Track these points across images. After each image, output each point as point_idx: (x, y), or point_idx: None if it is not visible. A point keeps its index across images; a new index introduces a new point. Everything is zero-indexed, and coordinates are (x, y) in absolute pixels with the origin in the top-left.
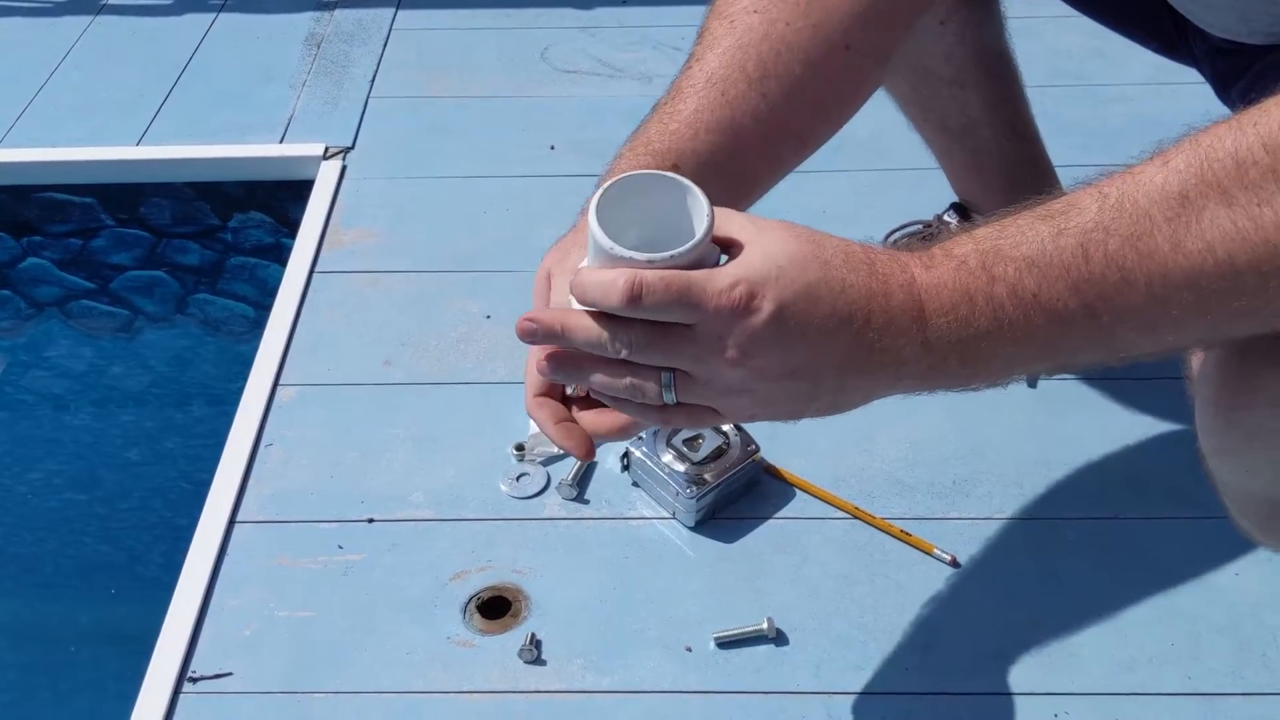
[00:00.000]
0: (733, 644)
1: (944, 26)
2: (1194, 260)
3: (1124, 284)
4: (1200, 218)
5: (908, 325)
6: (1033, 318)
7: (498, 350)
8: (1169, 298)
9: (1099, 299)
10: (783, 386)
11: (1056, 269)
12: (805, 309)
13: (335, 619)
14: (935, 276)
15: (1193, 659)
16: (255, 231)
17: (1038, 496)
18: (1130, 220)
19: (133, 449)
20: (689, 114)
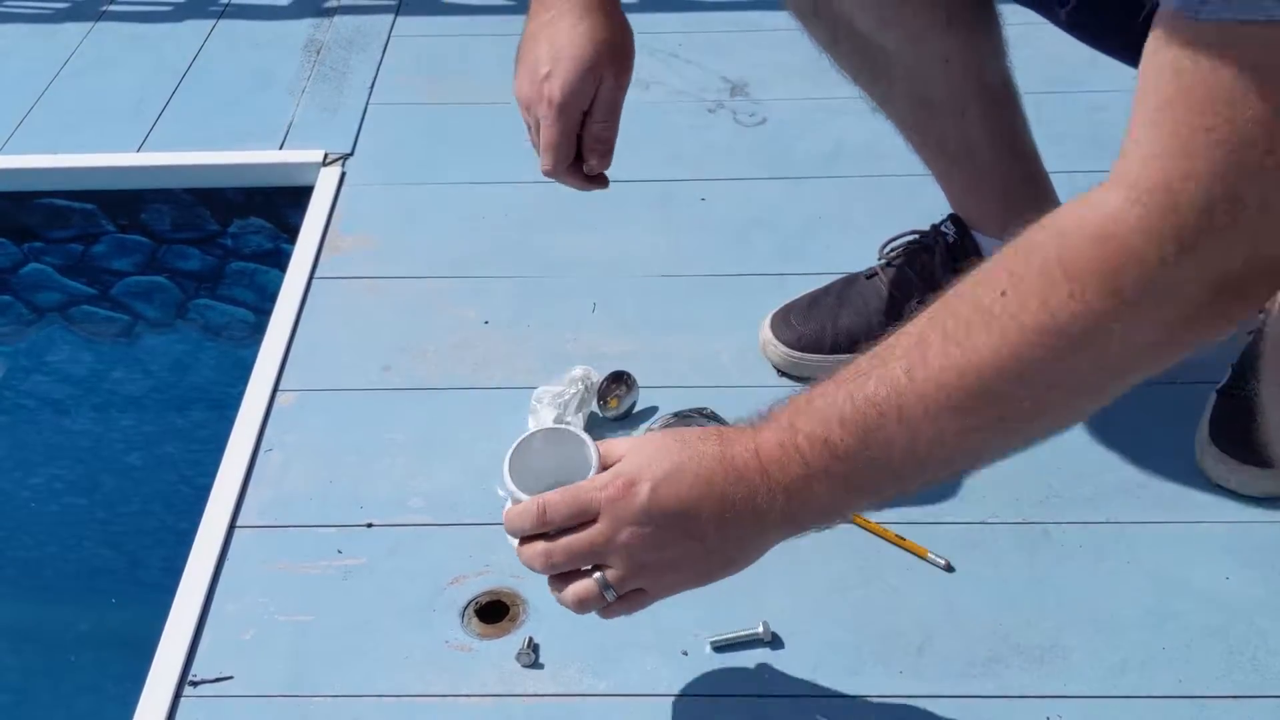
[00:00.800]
0: (728, 648)
1: (948, 64)
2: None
3: (881, 420)
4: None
5: (754, 478)
6: (830, 462)
7: (496, 356)
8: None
9: (868, 434)
10: (680, 548)
11: (835, 416)
12: (674, 481)
13: (335, 623)
14: (765, 436)
15: (1184, 662)
16: (255, 237)
17: (1031, 501)
18: (884, 362)
19: (133, 454)
20: None
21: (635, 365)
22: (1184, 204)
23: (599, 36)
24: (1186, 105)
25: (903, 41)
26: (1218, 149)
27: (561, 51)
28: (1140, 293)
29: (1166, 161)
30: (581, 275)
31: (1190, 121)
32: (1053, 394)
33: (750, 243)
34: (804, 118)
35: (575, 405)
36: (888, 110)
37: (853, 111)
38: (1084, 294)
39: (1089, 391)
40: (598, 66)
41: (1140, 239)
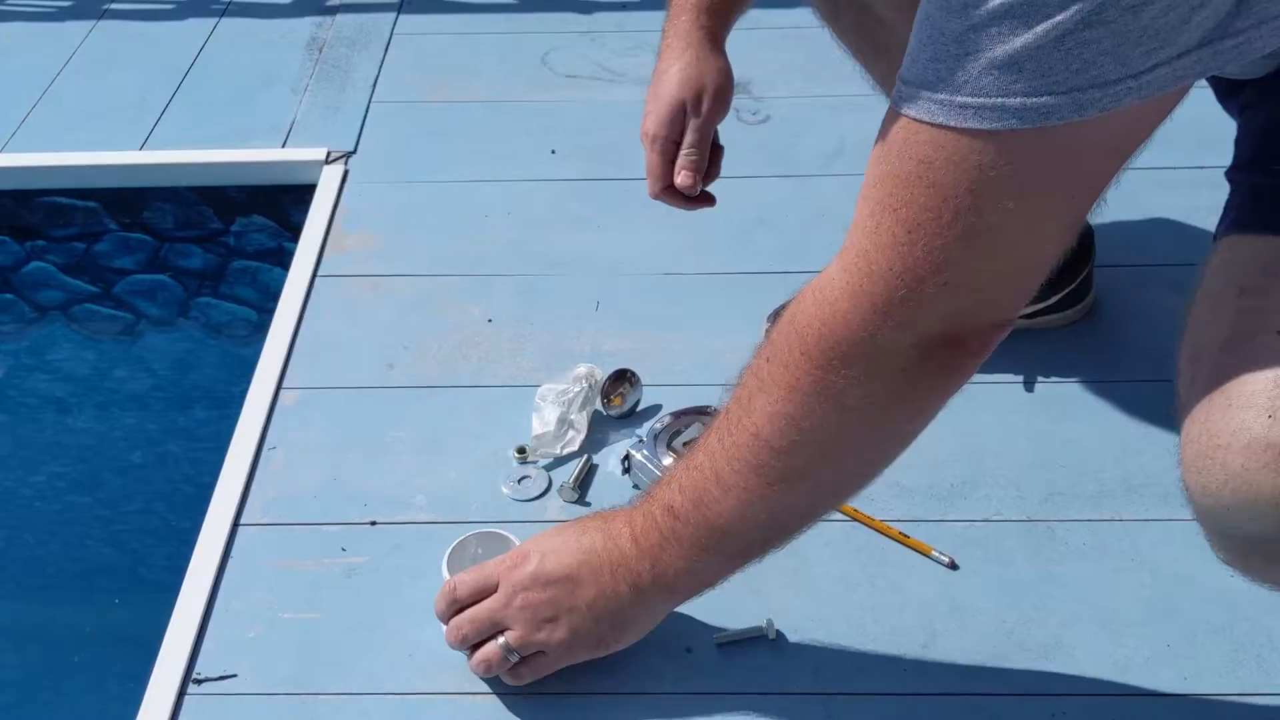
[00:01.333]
0: (733, 645)
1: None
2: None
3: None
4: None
5: (626, 547)
6: (679, 531)
7: (499, 354)
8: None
9: (699, 493)
10: (568, 615)
11: (677, 481)
12: (560, 551)
13: (339, 621)
14: (636, 509)
15: (1189, 659)
16: (258, 235)
17: (1035, 499)
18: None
19: (135, 452)
20: None
21: (638, 363)
22: (878, 274)
23: (687, 76)
24: (881, 186)
25: (900, 10)
26: (900, 227)
27: (659, 91)
28: (855, 351)
29: (866, 236)
30: (585, 273)
31: (883, 201)
32: (828, 452)
33: (753, 241)
34: (807, 115)
35: (579, 404)
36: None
37: (855, 108)
38: (810, 352)
39: (860, 449)
40: (683, 103)
41: (847, 304)
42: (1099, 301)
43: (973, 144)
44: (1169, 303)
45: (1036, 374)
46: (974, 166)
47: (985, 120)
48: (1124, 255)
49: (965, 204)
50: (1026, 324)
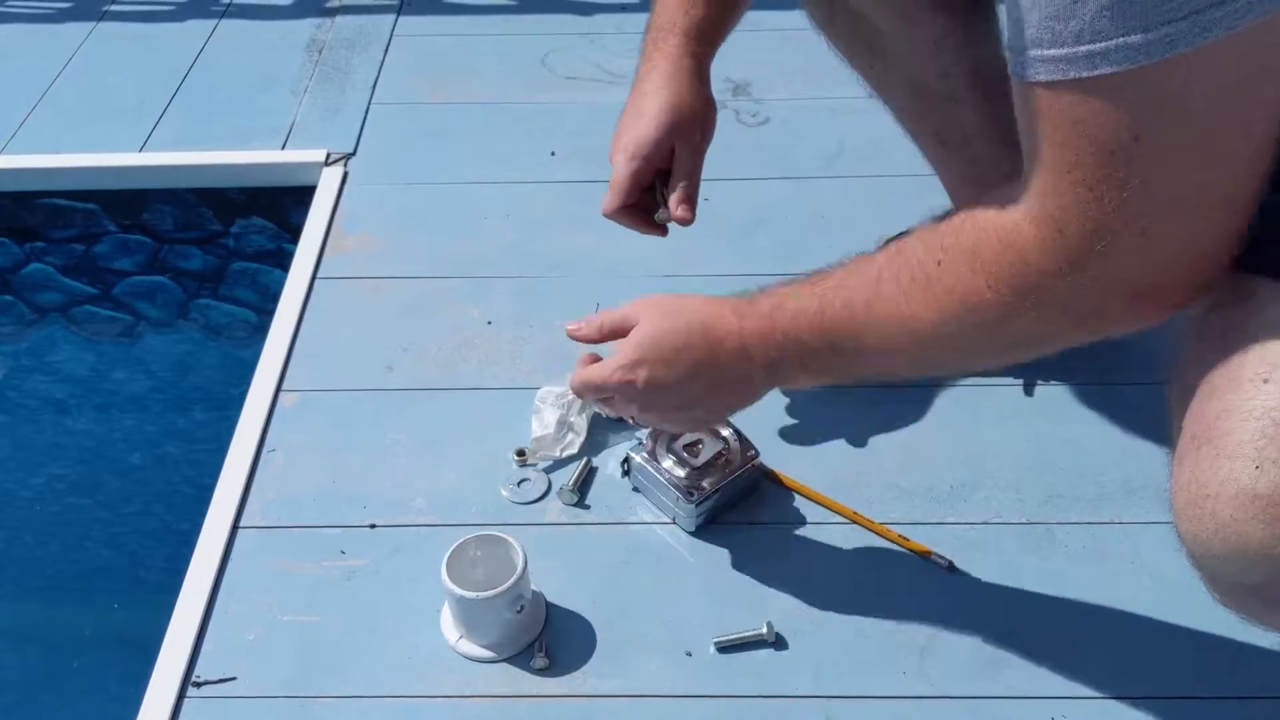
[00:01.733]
0: (733, 648)
1: (939, 46)
2: (877, 322)
3: (841, 333)
4: (881, 293)
5: (740, 359)
6: (803, 351)
7: (499, 356)
8: (871, 344)
9: (834, 340)
10: (679, 413)
11: (809, 319)
12: (665, 370)
13: (338, 624)
14: (750, 325)
15: (1190, 662)
16: (257, 237)
17: (1035, 501)
18: (849, 288)
19: (135, 454)
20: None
21: None
22: (1071, 234)
23: (680, 102)
24: (1050, 153)
25: (895, 20)
26: (1080, 187)
27: (643, 109)
28: (1044, 297)
29: (1049, 199)
30: (584, 275)
31: (1055, 167)
32: (981, 350)
33: (753, 242)
34: (806, 117)
35: (579, 406)
36: (885, 95)
37: (855, 111)
38: (998, 290)
39: (1017, 351)
40: (673, 129)
41: (1037, 255)
42: None
43: (1112, 89)
44: None
45: (1036, 377)
46: (1124, 111)
47: (1113, 63)
48: None
49: (1134, 151)
50: None
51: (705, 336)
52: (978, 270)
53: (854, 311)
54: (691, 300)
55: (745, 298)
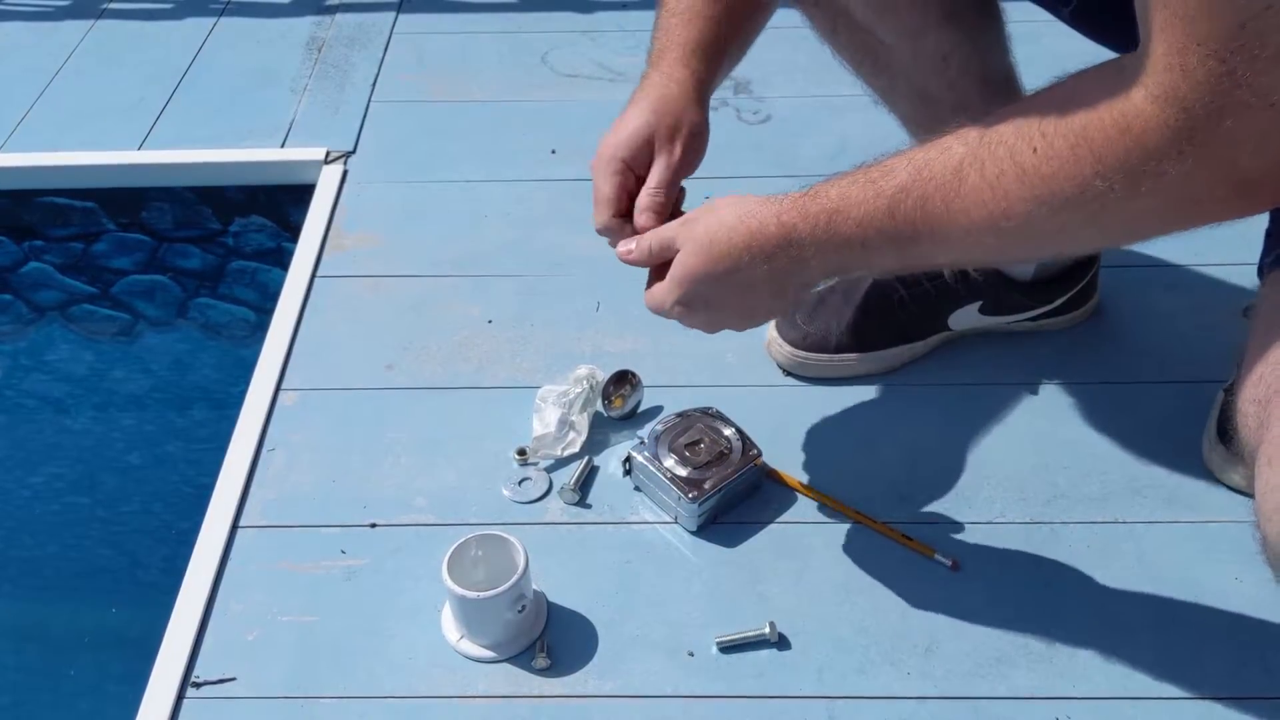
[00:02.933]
0: (735, 648)
1: (946, 60)
2: (959, 216)
3: (915, 235)
4: (965, 183)
5: (792, 267)
6: (870, 258)
7: (500, 354)
8: (948, 243)
9: (904, 244)
10: (753, 319)
11: (874, 228)
12: (718, 297)
13: (338, 623)
14: (799, 235)
15: (1193, 663)
16: (256, 236)
17: (1038, 501)
18: (923, 182)
19: (134, 453)
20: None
21: (639, 364)
22: (1195, 112)
23: (666, 109)
24: (1181, 21)
25: (900, 36)
26: (1211, 59)
27: (624, 117)
28: (1158, 184)
29: (1175, 75)
30: (585, 273)
31: (1185, 36)
32: (1069, 241)
33: None
34: (808, 115)
35: (580, 405)
36: (890, 104)
37: (857, 109)
38: (1107, 176)
39: (1110, 239)
40: (652, 134)
41: (1156, 137)
42: (1103, 303)
43: None
44: (1173, 304)
45: (1040, 376)
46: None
47: None
48: (1128, 257)
49: (1266, 21)
50: (1031, 326)
51: (750, 250)
52: (1084, 157)
53: (930, 212)
54: (730, 215)
55: (794, 201)
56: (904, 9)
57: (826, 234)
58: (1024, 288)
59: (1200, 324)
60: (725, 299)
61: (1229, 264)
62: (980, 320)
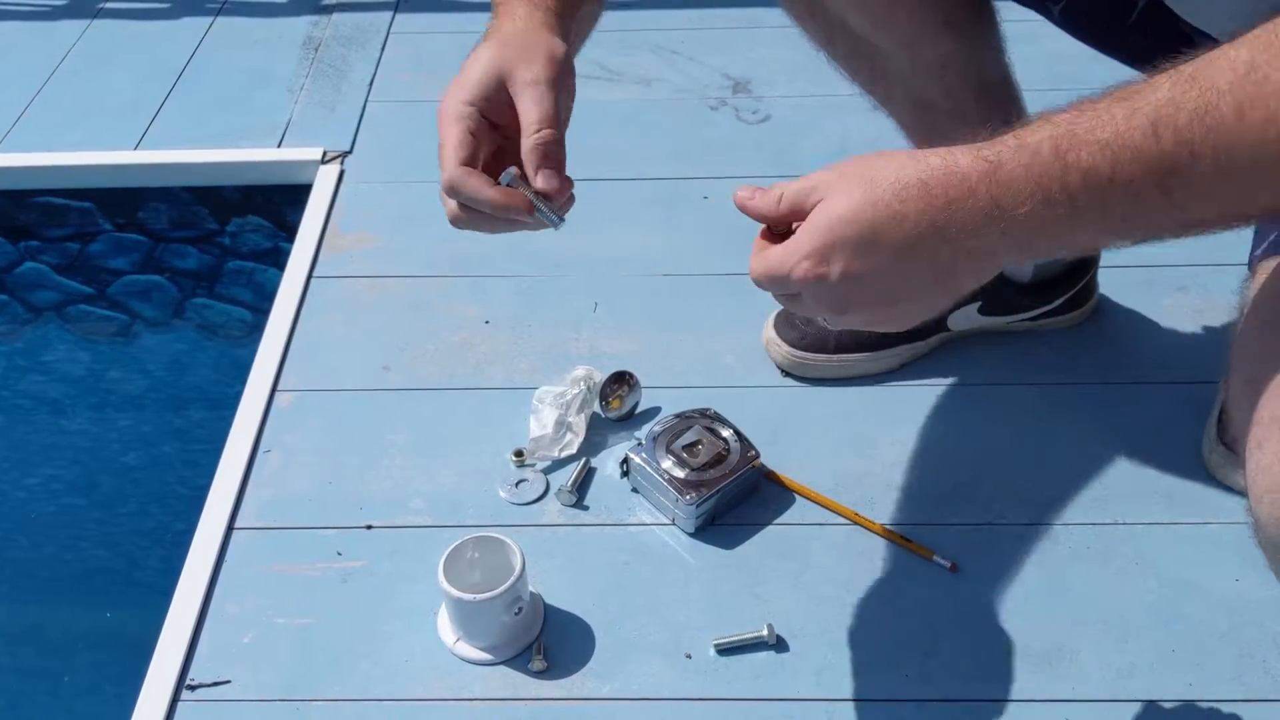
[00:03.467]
0: (733, 650)
1: (945, 68)
2: (1255, 129)
3: (1191, 159)
4: (1264, 85)
5: (983, 223)
6: (1109, 201)
7: (497, 355)
8: (1234, 170)
9: (1170, 175)
10: (894, 308)
11: (1129, 150)
12: (868, 256)
13: (334, 626)
14: (1006, 173)
15: (1194, 665)
16: (253, 236)
17: (1037, 502)
18: (1199, 93)
19: (130, 453)
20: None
21: (637, 365)
22: None
23: (509, 43)
24: None
25: (897, 44)
26: None
27: (465, 67)
28: None
29: None
30: (583, 274)
31: None
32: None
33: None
34: (807, 115)
35: (577, 406)
36: (889, 110)
37: (856, 109)
38: None
39: None
40: (502, 75)
41: None
42: (1103, 303)
43: None
44: (1172, 304)
45: (1040, 376)
46: None
47: None
48: (1127, 257)
49: None
50: (1030, 326)
51: (927, 195)
52: None
53: (1214, 124)
54: (899, 154)
55: (996, 137)
56: (902, 18)
57: (1050, 168)
58: (1023, 288)
59: (1200, 324)
60: (875, 264)
61: (1229, 264)
62: (979, 320)
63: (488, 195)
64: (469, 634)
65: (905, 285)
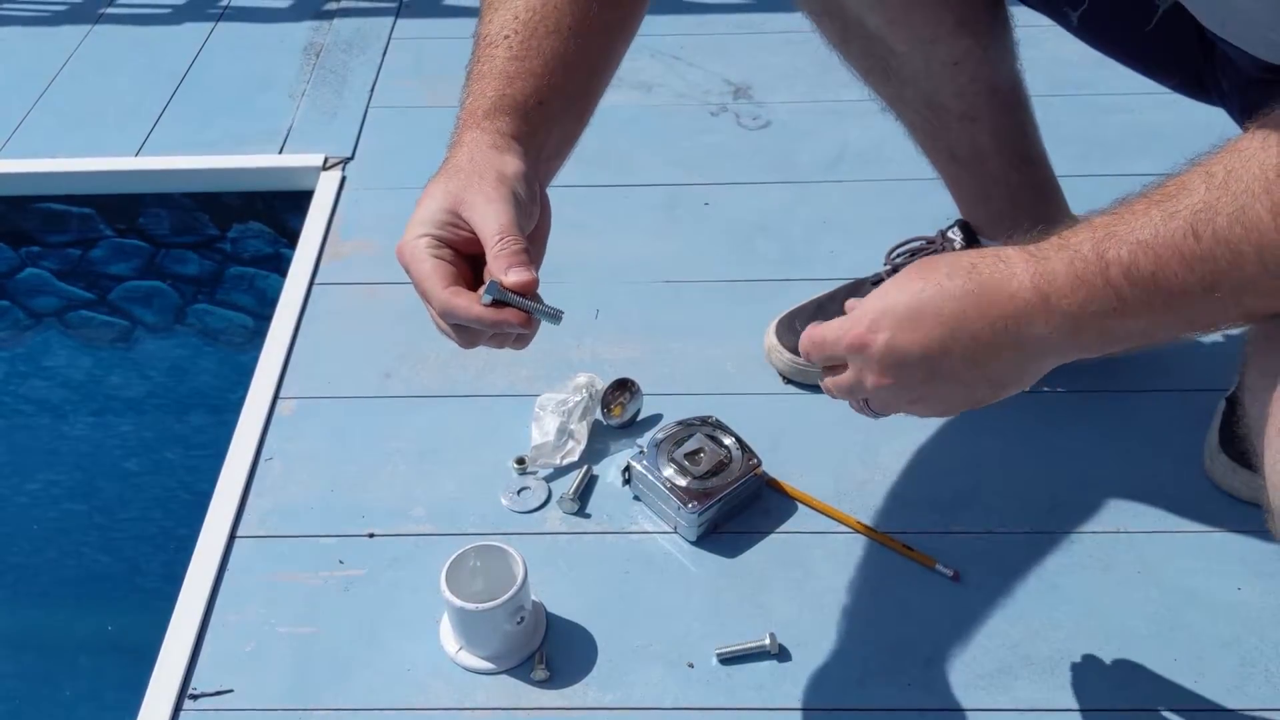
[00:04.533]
0: (735, 660)
1: (958, 67)
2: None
3: (1234, 258)
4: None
5: (1028, 313)
6: (1153, 296)
7: (497, 363)
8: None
9: (1214, 274)
10: (933, 387)
11: (1170, 249)
12: (912, 327)
13: (336, 635)
14: (1050, 266)
15: (1196, 675)
16: (254, 242)
17: (1039, 510)
18: (1232, 196)
19: (132, 459)
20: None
21: (638, 372)
22: None
23: (448, 179)
24: None
25: (912, 43)
26: None
27: (419, 204)
28: None
29: None
30: (584, 281)
31: None
32: None
33: (754, 248)
34: (808, 121)
35: (579, 414)
36: (897, 112)
37: (858, 114)
38: None
39: None
40: (456, 203)
41: None
42: None
43: None
44: None
45: (1041, 385)
46: None
47: None
48: None
49: None
50: None
51: (976, 283)
52: None
53: (1252, 222)
54: (951, 253)
55: (1038, 248)
56: (917, 18)
57: (1091, 265)
58: None
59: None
60: (920, 335)
61: None
62: None
63: (476, 313)
64: (471, 643)
65: (947, 361)
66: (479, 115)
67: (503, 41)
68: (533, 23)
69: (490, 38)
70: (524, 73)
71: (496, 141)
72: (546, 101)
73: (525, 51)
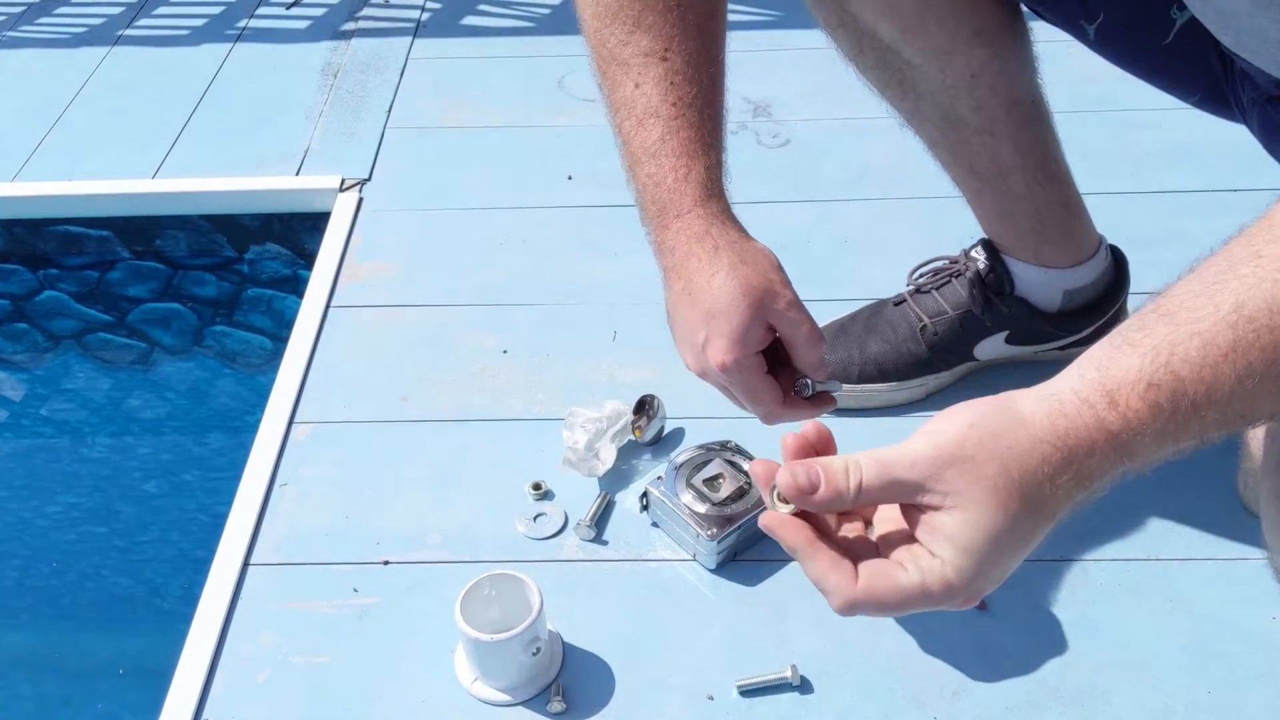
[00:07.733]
0: (756, 692)
1: (975, 79)
2: None
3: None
4: None
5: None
6: (1215, 389)
7: (515, 386)
8: None
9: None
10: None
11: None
12: (999, 575)
13: (351, 665)
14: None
15: (1230, 706)
16: (272, 263)
17: (1068, 537)
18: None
19: (150, 481)
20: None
21: (657, 394)
22: None
23: (739, 280)
24: None
25: (927, 54)
26: None
27: (713, 311)
28: None
29: None
30: (602, 302)
31: None
32: None
33: None
34: (828, 138)
35: (608, 436)
36: (916, 126)
37: (879, 131)
38: None
39: None
40: (753, 311)
41: None
42: None
43: None
44: None
45: None
46: None
47: None
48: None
49: None
50: (1058, 355)
51: (1074, 476)
52: None
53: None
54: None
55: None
56: (932, 29)
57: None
58: (1052, 317)
59: None
60: (1002, 568)
61: None
62: (1007, 350)
63: (805, 417)
64: (486, 674)
65: (1007, 569)
66: (700, 198)
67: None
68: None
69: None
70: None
71: (736, 224)
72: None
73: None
